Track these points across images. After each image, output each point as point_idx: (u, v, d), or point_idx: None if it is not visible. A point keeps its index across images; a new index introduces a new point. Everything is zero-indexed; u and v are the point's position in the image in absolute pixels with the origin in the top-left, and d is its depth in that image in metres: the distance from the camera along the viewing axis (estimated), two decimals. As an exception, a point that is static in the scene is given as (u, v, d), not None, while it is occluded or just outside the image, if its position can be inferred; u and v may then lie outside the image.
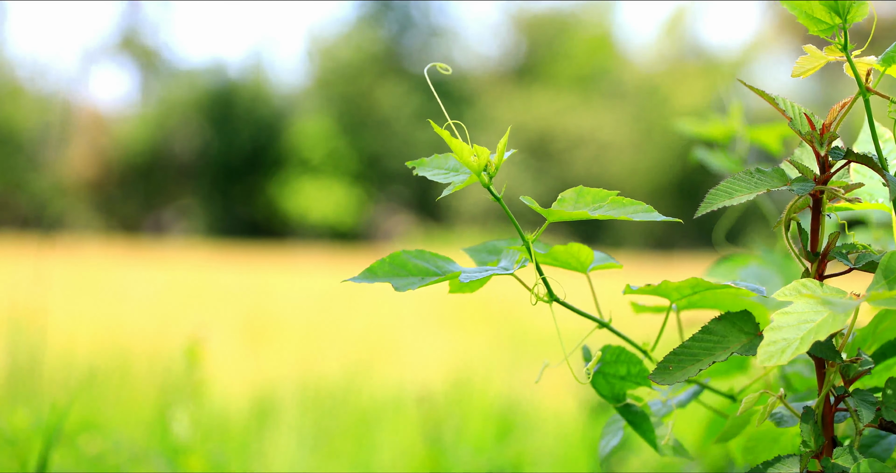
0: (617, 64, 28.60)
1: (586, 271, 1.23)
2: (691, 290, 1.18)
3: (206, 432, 3.20)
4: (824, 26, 1.02)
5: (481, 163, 1.10)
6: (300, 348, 5.69)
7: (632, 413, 1.20)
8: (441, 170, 1.16)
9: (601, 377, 1.19)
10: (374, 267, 1.16)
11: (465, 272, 1.15)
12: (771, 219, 1.89)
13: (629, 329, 1.24)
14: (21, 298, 3.34)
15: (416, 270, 1.16)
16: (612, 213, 1.09)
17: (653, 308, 1.31)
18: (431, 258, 1.17)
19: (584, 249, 1.21)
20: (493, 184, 1.12)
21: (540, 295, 1.15)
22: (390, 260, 1.16)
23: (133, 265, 13.35)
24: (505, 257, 1.20)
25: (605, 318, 1.21)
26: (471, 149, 1.10)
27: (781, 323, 0.93)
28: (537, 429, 3.46)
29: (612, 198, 1.10)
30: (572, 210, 1.10)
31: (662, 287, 1.17)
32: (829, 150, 1.05)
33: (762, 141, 1.96)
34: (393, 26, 28.83)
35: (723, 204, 1.01)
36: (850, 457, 1.03)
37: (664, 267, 14.14)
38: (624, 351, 1.18)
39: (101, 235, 23.28)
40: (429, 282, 1.14)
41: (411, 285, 1.14)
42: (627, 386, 1.19)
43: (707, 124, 1.97)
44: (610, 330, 1.20)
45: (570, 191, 1.12)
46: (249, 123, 26.56)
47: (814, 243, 1.08)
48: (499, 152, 1.11)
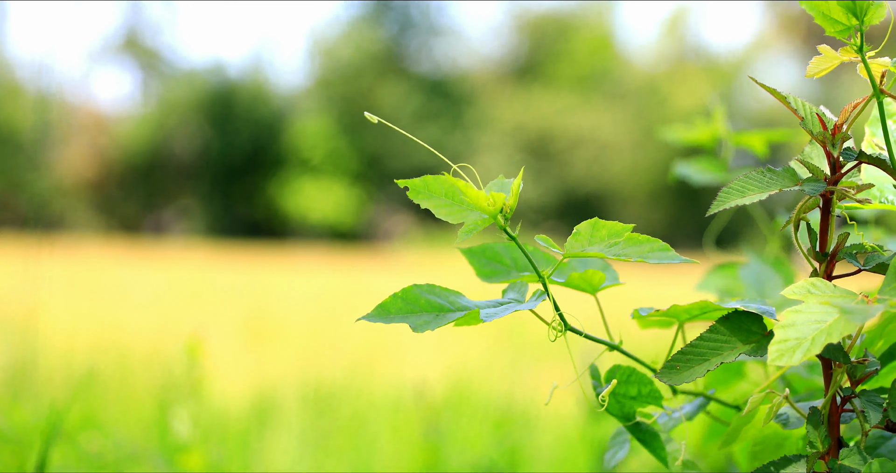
0: (617, 64, 28.62)
1: (595, 293, 1.24)
2: (700, 311, 1.18)
3: (206, 431, 3.20)
4: (841, 27, 1.02)
5: (497, 207, 1.09)
6: (300, 348, 5.69)
7: (642, 431, 1.20)
8: (442, 199, 1.12)
9: (611, 397, 1.19)
10: (387, 303, 1.14)
11: (483, 309, 1.14)
12: (761, 223, 1.90)
13: (637, 342, 1.24)
14: (20, 298, 3.33)
15: (428, 306, 1.14)
16: (629, 252, 1.09)
17: (659, 321, 1.31)
18: (443, 293, 1.15)
19: (597, 274, 1.21)
20: (508, 225, 1.11)
21: (557, 328, 1.15)
22: (403, 296, 1.14)
23: (133, 265, 13.35)
24: (513, 289, 1.19)
25: (614, 336, 1.21)
26: (486, 196, 1.08)
27: (793, 321, 0.93)
28: (536, 429, 3.45)
29: (628, 235, 1.09)
30: (588, 248, 1.10)
31: (672, 311, 1.17)
32: (842, 151, 1.04)
33: (748, 145, 1.96)
34: (393, 26, 28.84)
35: (735, 203, 1.01)
36: (857, 458, 1.02)
37: (664, 267, 14.13)
38: (635, 372, 1.18)
39: (101, 235, 23.28)
40: (446, 322, 1.12)
41: (427, 325, 1.11)
42: (638, 406, 1.19)
43: (693, 130, 1.98)
44: (621, 353, 1.20)
45: (584, 224, 1.11)
46: (249, 123, 26.57)
47: (822, 243, 1.08)
48: (513, 193, 1.10)
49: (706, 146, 1.98)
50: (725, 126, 1.96)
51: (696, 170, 1.94)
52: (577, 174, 25.09)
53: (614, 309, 1.27)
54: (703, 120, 1.98)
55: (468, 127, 25.71)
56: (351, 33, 28.37)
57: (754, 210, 1.92)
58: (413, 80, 27.51)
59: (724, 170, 1.94)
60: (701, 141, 1.98)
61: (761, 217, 1.91)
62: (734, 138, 1.95)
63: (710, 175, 1.93)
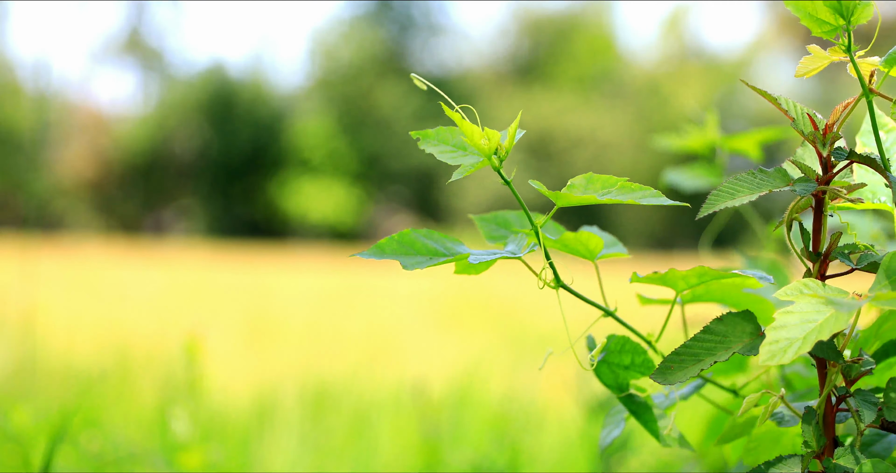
0: (618, 64, 28.62)
1: (594, 259, 1.23)
2: (698, 279, 1.18)
3: (206, 431, 3.20)
4: (828, 27, 1.02)
5: (492, 147, 1.09)
6: (300, 347, 5.69)
7: (634, 403, 1.19)
8: (448, 146, 1.13)
9: (605, 366, 1.19)
10: (383, 243, 1.14)
11: (474, 253, 1.14)
12: (756, 226, 1.90)
13: (634, 320, 1.24)
14: (20, 297, 3.34)
15: (424, 249, 1.14)
16: (621, 197, 1.09)
17: (658, 300, 1.32)
18: (440, 239, 1.16)
19: (593, 237, 1.20)
20: (502, 168, 1.11)
21: (546, 281, 1.15)
22: (399, 239, 1.15)
23: (133, 265, 13.36)
24: (512, 241, 1.19)
25: (610, 308, 1.20)
26: (481, 131, 1.09)
27: (784, 322, 0.93)
28: (536, 428, 3.46)
29: (622, 183, 1.10)
30: (581, 194, 1.10)
31: (669, 275, 1.17)
32: (832, 151, 1.05)
33: (741, 149, 1.96)
34: (393, 26, 28.83)
35: (725, 204, 1.01)
36: (851, 457, 1.03)
37: (665, 268, 14.11)
38: (629, 341, 1.18)
39: (101, 235, 23.28)
40: (437, 263, 1.12)
41: (419, 264, 1.12)
42: (631, 376, 1.18)
43: (685, 137, 1.98)
44: (615, 319, 1.20)
45: (579, 177, 1.12)
46: (249, 123, 26.57)
47: (815, 243, 1.08)
48: (510, 135, 1.10)
49: (700, 153, 1.98)
50: (718, 132, 1.95)
51: (688, 177, 1.94)
52: (576, 174, 25.01)
53: (619, 298, 1.27)
54: (696, 126, 1.98)
55: (468, 127, 25.59)
56: (351, 33, 28.37)
57: (748, 213, 1.92)
58: (413, 81, 27.47)
59: (720, 176, 1.94)
60: (694, 148, 1.98)
61: (757, 221, 1.91)
62: (727, 143, 1.95)
63: (703, 181, 1.93)
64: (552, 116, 25.56)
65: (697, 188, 1.92)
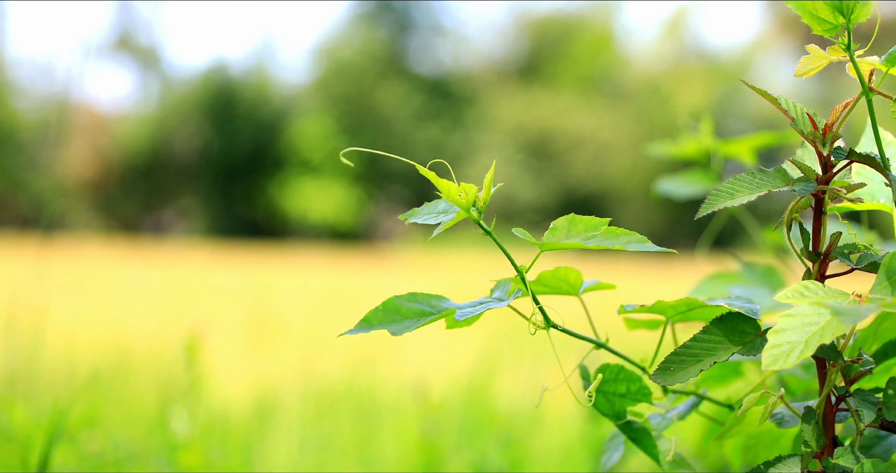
0: (618, 65, 28.60)
1: (578, 294, 1.24)
2: (686, 308, 1.19)
3: (207, 430, 3.20)
4: (828, 26, 1.02)
5: (469, 200, 1.11)
6: (300, 347, 5.69)
7: (633, 430, 1.21)
8: (431, 214, 1.16)
9: (601, 396, 1.20)
10: (369, 316, 1.20)
11: (460, 309, 1.17)
12: (752, 231, 1.90)
13: (625, 342, 1.25)
14: (21, 298, 3.34)
15: (409, 313, 1.19)
16: (606, 243, 1.10)
17: (647, 322, 1.32)
18: (424, 299, 1.20)
19: (571, 272, 1.21)
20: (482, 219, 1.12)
21: (537, 323, 1.16)
22: (384, 308, 1.20)
23: (133, 265, 13.35)
24: (498, 287, 1.21)
25: (601, 336, 1.21)
26: (458, 187, 1.10)
27: (785, 325, 0.93)
28: (537, 429, 3.46)
29: (605, 228, 1.10)
30: (565, 240, 1.10)
31: (657, 306, 1.18)
32: (832, 150, 1.05)
33: (736, 154, 1.96)
34: (394, 26, 28.82)
35: (724, 204, 1.01)
36: (851, 457, 1.03)
37: (664, 267, 14.13)
38: (623, 370, 1.19)
39: (101, 235, 23.28)
40: (425, 323, 1.17)
41: (408, 328, 1.17)
42: (627, 404, 1.19)
43: (680, 145, 1.98)
44: (608, 350, 1.21)
45: (561, 219, 1.12)
46: (250, 123, 26.56)
47: (815, 243, 1.08)
48: (486, 187, 1.12)
49: (695, 159, 1.98)
50: (713, 138, 1.95)
51: (682, 184, 1.94)
52: (576, 174, 25.08)
53: (604, 314, 1.27)
54: (691, 133, 1.97)
55: (468, 127, 25.69)
56: (352, 33, 28.36)
57: (744, 217, 1.91)
58: (414, 80, 27.50)
59: (715, 182, 1.93)
60: (689, 155, 1.97)
61: (752, 225, 1.90)
62: (722, 149, 1.94)
63: (698, 187, 1.92)
64: (552, 116, 25.55)
65: (691, 195, 1.91)
